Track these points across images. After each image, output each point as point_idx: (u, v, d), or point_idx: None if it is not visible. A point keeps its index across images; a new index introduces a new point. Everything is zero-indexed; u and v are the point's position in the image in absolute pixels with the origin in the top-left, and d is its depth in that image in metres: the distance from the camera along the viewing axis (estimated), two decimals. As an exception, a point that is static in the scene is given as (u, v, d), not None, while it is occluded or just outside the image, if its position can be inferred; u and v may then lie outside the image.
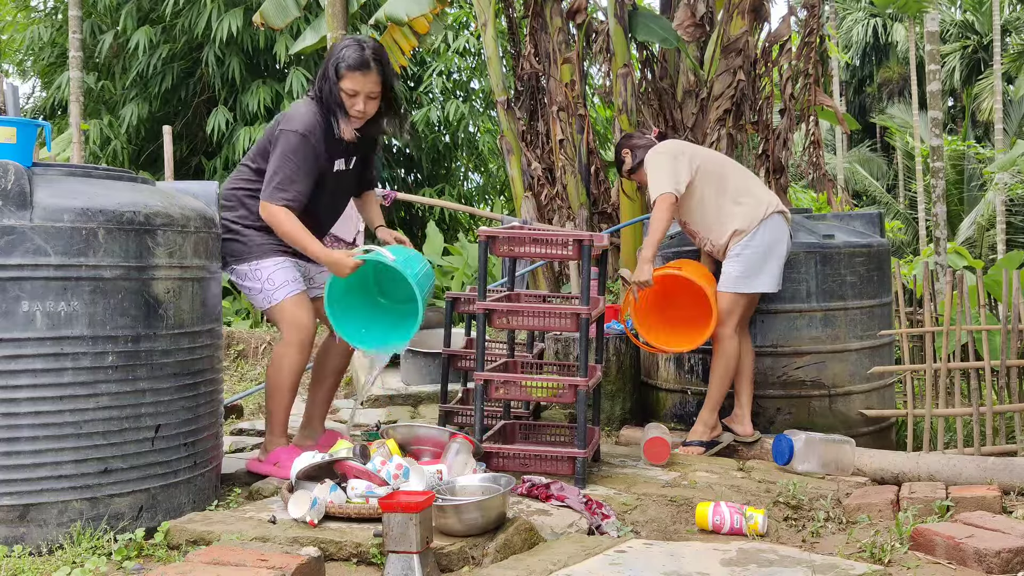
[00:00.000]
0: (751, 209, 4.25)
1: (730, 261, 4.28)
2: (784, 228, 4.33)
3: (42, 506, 2.84)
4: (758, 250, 4.24)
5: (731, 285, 4.25)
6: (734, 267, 4.26)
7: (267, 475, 3.56)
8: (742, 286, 4.25)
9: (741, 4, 6.84)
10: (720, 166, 4.37)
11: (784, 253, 4.33)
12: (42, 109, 13.67)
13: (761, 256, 4.25)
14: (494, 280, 9.02)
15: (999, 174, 15.14)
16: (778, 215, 4.30)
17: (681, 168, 4.22)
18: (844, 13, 28.21)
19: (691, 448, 4.28)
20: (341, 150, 3.60)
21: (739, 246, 4.25)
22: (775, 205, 4.29)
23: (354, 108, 3.49)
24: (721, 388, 4.32)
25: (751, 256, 4.24)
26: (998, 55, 19.54)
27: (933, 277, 8.21)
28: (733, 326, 4.26)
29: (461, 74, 13.72)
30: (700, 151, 4.38)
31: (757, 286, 4.27)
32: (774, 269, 4.29)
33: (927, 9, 11.39)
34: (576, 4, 7.27)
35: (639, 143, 4.51)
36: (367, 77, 3.46)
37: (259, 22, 8.47)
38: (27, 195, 2.84)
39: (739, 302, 4.26)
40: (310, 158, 3.46)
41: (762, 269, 4.25)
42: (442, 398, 4.40)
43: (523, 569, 2.62)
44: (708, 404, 4.34)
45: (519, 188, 7.72)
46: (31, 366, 2.83)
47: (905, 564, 2.82)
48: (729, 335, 4.26)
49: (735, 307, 4.25)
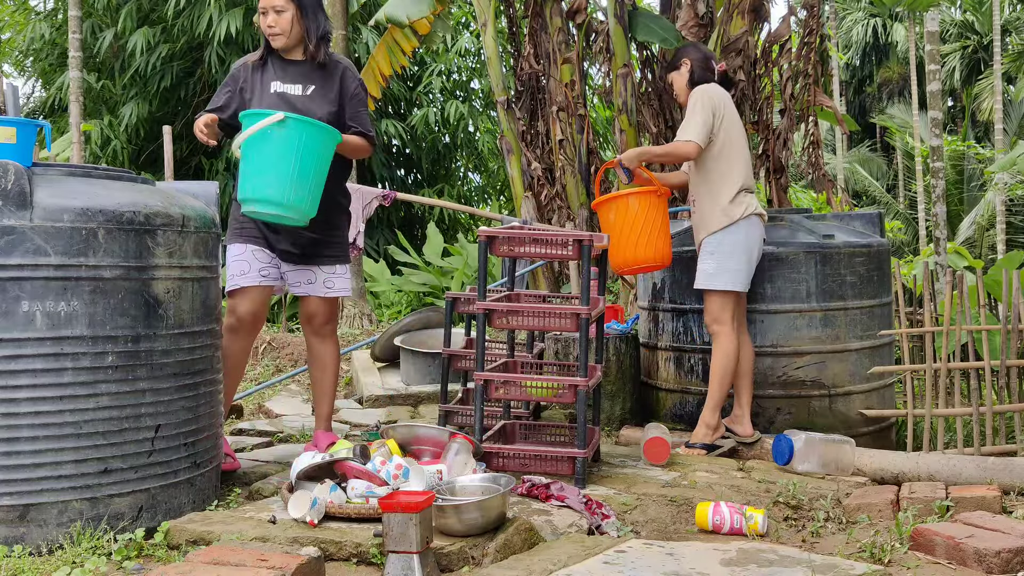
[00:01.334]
0: (729, 208, 4.22)
1: (703, 258, 4.28)
2: (759, 231, 4.31)
3: (42, 506, 2.84)
4: (732, 249, 4.22)
5: (704, 281, 4.25)
6: (707, 264, 4.26)
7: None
8: (717, 282, 4.22)
9: (741, 4, 6.84)
10: (730, 151, 4.28)
11: (755, 257, 4.31)
12: (42, 109, 13.67)
13: (733, 255, 4.22)
14: (494, 280, 9.02)
15: (999, 174, 15.14)
16: (755, 217, 4.29)
17: (714, 125, 4.21)
18: (844, 13, 28.21)
19: (693, 450, 4.28)
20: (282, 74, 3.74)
21: (712, 243, 4.25)
22: (753, 208, 4.26)
23: (265, 24, 3.69)
24: (721, 387, 4.29)
25: (725, 254, 4.22)
26: (998, 55, 19.54)
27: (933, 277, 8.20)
28: (727, 322, 4.24)
29: (461, 74, 13.72)
30: (734, 124, 4.30)
31: (731, 284, 4.22)
32: (746, 268, 4.26)
33: (938, 3, 11.37)
34: (576, 4, 7.27)
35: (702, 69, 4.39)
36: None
37: None
38: (27, 195, 2.84)
39: (726, 299, 4.24)
40: (224, 86, 3.79)
41: (735, 267, 4.22)
42: (442, 398, 4.40)
43: (523, 569, 2.62)
44: (709, 405, 4.32)
45: (519, 188, 7.72)
46: (31, 366, 2.83)
47: (905, 564, 2.82)
48: (725, 332, 4.24)
49: (725, 305, 4.23)
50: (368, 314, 8.38)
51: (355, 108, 3.82)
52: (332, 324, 3.94)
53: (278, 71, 3.76)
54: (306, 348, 4.01)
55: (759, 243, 4.34)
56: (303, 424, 4.77)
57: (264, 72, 3.76)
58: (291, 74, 3.76)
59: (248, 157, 3.36)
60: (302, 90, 3.74)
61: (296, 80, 3.75)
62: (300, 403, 5.58)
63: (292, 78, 3.75)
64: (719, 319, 4.25)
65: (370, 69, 8.33)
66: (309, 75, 3.76)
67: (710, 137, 4.21)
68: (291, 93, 3.73)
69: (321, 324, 3.89)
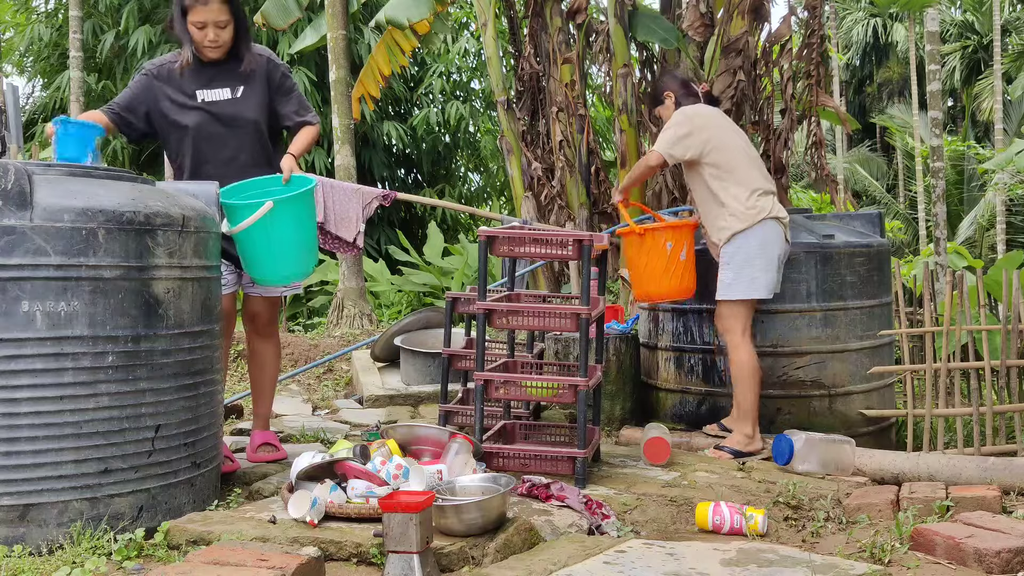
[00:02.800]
0: (743, 213, 4.18)
1: (721, 268, 4.25)
2: (777, 233, 4.23)
3: (42, 506, 2.84)
4: (748, 256, 4.18)
5: (723, 292, 4.22)
6: (725, 274, 4.23)
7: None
8: (734, 292, 4.20)
9: (741, 4, 6.85)
10: (730, 159, 4.24)
11: (775, 258, 4.23)
12: (42, 109, 13.67)
13: (750, 262, 4.18)
14: (494, 280, 9.02)
15: (999, 174, 15.13)
16: (771, 221, 4.21)
17: (691, 144, 4.20)
18: (844, 13, 28.18)
19: (722, 453, 4.20)
20: (207, 81, 3.71)
21: (728, 252, 4.22)
22: (767, 211, 4.19)
23: (207, 39, 3.64)
24: (745, 394, 4.20)
25: (741, 262, 4.18)
26: (998, 55, 19.53)
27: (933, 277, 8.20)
28: (740, 333, 4.21)
29: (461, 75, 13.73)
30: (721, 138, 4.25)
31: (749, 292, 4.19)
32: (764, 275, 4.20)
33: (933, 3, 11.36)
34: (576, 4, 7.28)
35: (684, 95, 4.43)
36: (210, 7, 3.61)
37: (261, 22, 8.47)
38: (27, 195, 2.84)
39: (738, 308, 4.22)
40: (130, 88, 3.76)
41: (752, 275, 4.18)
42: (442, 398, 4.40)
43: (523, 569, 2.62)
44: (739, 414, 4.24)
45: (519, 188, 7.72)
46: (31, 366, 2.83)
47: (905, 564, 2.82)
48: (734, 342, 4.22)
49: (736, 313, 4.22)
50: (368, 314, 8.38)
51: (288, 98, 3.84)
52: (274, 324, 4.04)
53: (201, 78, 3.70)
54: (246, 347, 4.04)
55: (778, 246, 4.24)
56: (303, 424, 4.77)
57: (183, 81, 3.70)
58: (215, 79, 3.71)
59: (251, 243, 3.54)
60: (231, 93, 3.72)
61: (223, 84, 3.72)
62: (300, 403, 5.58)
63: (218, 82, 3.71)
64: (728, 328, 4.23)
65: (370, 69, 8.34)
66: (234, 75, 3.73)
67: (690, 156, 4.21)
68: (220, 99, 3.71)
69: (264, 324, 3.98)
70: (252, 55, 3.75)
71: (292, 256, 3.60)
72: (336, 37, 8.38)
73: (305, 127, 3.85)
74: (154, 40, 11.50)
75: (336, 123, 8.44)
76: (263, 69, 3.79)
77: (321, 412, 5.35)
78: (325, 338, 7.38)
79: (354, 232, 6.55)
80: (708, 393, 4.78)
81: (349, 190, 5.64)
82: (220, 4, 3.62)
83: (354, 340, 7.14)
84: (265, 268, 3.60)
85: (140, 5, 11.86)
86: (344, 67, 8.41)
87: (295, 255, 3.61)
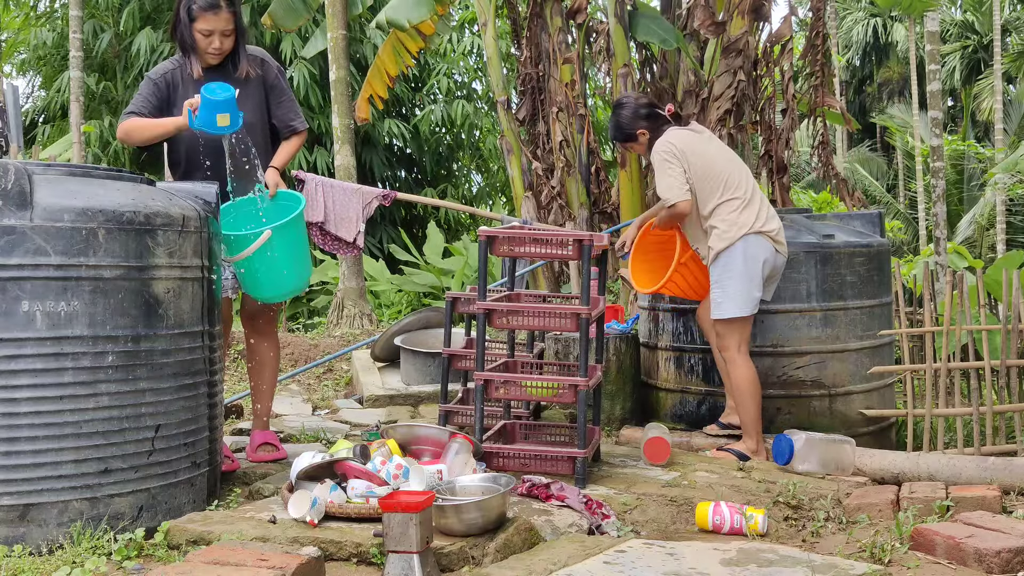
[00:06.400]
0: (723, 232, 4.12)
1: (711, 287, 4.22)
2: (762, 246, 4.14)
3: (42, 506, 2.84)
4: (733, 273, 4.12)
5: (715, 312, 4.18)
6: (714, 293, 4.19)
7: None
8: (725, 311, 4.15)
9: (741, 4, 6.85)
10: (707, 181, 4.16)
11: (758, 272, 4.13)
12: (43, 110, 13.68)
13: (735, 279, 4.11)
14: (494, 280, 9.03)
15: (999, 174, 15.14)
16: (753, 235, 4.11)
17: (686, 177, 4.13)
18: (844, 13, 28.19)
19: (726, 454, 4.18)
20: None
21: (716, 271, 4.18)
22: (748, 226, 4.11)
23: (211, 47, 3.70)
24: (747, 407, 4.18)
25: (727, 280, 4.13)
26: (998, 55, 19.54)
27: (933, 277, 8.20)
28: (735, 349, 4.17)
29: (464, 75, 13.74)
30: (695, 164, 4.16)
31: (741, 309, 4.13)
32: (753, 290, 4.13)
33: (935, 6, 11.35)
34: (576, 4, 7.28)
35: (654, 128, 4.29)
36: (219, 16, 3.65)
37: (268, 24, 8.47)
38: (27, 195, 2.84)
39: (731, 326, 4.17)
40: (151, 94, 3.74)
41: (738, 292, 4.12)
42: (442, 398, 4.40)
43: (523, 569, 2.62)
44: (744, 427, 4.22)
45: (519, 188, 7.72)
46: (31, 366, 2.83)
47: (905, 564, 2.82)
48: (730, 358, 4.19)
49: (730, 331, 4.18)
50: (368, 314, 8.38)
51: (280, 100, 3.90)
52: (274, 324, 4.07)
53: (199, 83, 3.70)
54: (246, 347, 4.05)
55: (763, 259, 4.14)
56: (303, 424, 4.77)
57: (184, 86, 3.76)
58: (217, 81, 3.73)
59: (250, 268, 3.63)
60: None
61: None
62: (300, 403, 5.58)
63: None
64: (724, 345, 4.21)
65: (377, 70, 8.33)
66: (231, 79, 3.76)
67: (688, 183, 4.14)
68: None
69: (264, 324, 4.00)
70: (248, 59, 3.82)
71: (289, 275, 3.72)
72: (336, 37, 8.37)
73: (293, 136, 3.94)
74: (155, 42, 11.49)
75: (336, 123, 8.44)
76: (257, 67, 3.86)
77: (321, 412, 5.35)
78: (325, 338, 7.38)
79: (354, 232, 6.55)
80: (708, 393, 4.78)
81: (349, 190, 5.65)
82: (228, 14, 3.68)
83: (354, 340, 7.14)
84: (263, 288, 3.73)
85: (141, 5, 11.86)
86: (344, 67, 8.40)
87: (291, 273, 3.72)
